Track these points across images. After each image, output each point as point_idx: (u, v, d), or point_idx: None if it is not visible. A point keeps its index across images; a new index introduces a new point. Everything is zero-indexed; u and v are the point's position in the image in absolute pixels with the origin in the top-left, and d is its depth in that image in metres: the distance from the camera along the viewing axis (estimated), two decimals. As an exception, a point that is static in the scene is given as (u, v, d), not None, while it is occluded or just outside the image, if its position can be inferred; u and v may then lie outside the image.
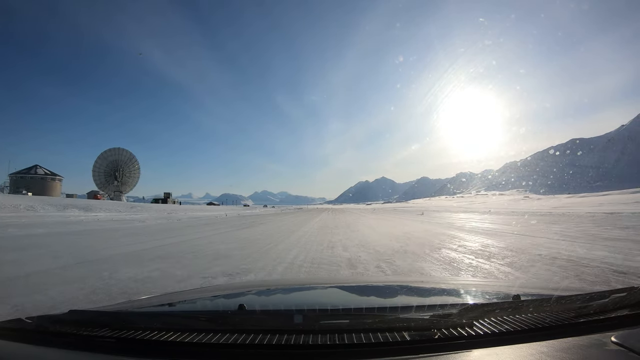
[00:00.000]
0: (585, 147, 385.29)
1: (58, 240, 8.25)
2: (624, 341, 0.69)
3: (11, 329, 0.81)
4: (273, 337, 0.70)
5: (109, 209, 30.88)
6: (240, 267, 4.69)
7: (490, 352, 0.68)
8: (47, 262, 5.05)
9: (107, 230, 11.78)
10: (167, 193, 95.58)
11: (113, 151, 72.87)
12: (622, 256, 5.37)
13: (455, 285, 1.69)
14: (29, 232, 10.29)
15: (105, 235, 10.01)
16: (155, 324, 0.77)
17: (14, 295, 3.18)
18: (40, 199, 32.10)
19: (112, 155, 72.24)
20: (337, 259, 5.48)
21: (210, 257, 5.61)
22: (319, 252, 6.31)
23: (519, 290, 1.34)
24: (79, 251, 6.48)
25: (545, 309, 0.84)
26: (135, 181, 74.89)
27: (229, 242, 7.92)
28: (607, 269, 4.40)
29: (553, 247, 6.62)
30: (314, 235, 9.69)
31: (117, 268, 4.51)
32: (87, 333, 0.76)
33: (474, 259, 5.39)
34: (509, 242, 7.56)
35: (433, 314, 0.82)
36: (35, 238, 8.58)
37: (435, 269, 4.69)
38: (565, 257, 5.37)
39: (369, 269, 4.63)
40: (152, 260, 5.18)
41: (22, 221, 15.10)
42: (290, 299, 1.41)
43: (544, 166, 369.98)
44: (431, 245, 7.13)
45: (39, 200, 30.93)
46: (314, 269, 4.64)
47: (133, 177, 74.41)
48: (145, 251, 6.36)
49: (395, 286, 1.69)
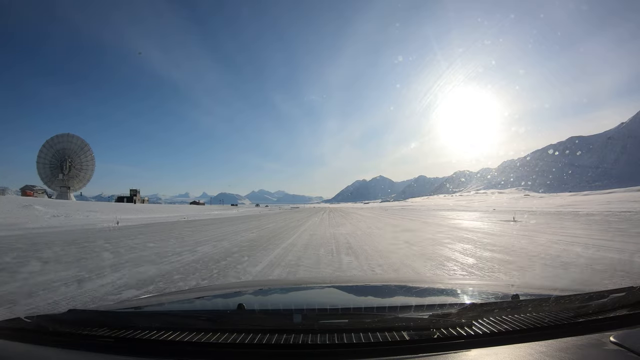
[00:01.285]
0: (585, 145, 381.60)
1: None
2: (623, 341, 0.68)
3: (10, 329, 0.81)
4: (272, 336, 0.70)
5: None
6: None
7: (489, 351, 0.68)
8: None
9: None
10: (134, 190, 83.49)
11: (61, 138, 59.81)
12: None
13: (454, 285, 1.70)
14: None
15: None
16: (154, 324, 0.78)
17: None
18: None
19: (60, 143, 59.39)
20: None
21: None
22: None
23: (518, 290, 1.31)
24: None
25: (544, 308, 0.83)
26: (89, 175, 62.39)
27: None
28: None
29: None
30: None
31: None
32: (86, 332, 0.76)
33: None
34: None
35: (432, 313, 0.82)
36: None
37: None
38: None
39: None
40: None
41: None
42: (289, 299, 1.42)
43: (543, 165, 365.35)
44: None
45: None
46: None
47: (86, 170, 61.72)
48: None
49: (394, 286, 1.71)
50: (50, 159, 59.30)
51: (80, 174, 61.63)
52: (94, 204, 47.66)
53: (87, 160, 62.48)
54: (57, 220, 18.74)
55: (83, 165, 61.83)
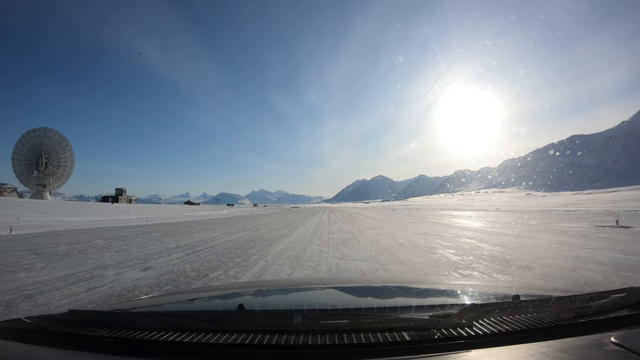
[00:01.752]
0: (586, 144, 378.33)
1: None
2: (624, 341, 0.68)
3: (10, 329, 0.81)
4: (273, 337, 0.70)
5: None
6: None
7: (489, 352, 0.68)
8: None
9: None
10: (120, 189, 79.62)
11: (37, 132, 55.29)
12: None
13: (454, 286, 1.69)
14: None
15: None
16: (154, 324, 0.78)
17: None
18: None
19: (36, 138, 54.96)
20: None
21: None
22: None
23: (519, 290, 1.28)
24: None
25: (544, 309, 0.83)
26: (68, 173, 57.85)
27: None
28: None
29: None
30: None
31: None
32: (86, 333, 0.76)
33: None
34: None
35: (432, 314, 0.81)
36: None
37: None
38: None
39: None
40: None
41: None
42: (289, 299, 1.41)
43: (544, 165, 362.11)
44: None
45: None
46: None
47: (64, 167, 57.16)
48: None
49: (395, 287, 1.69)
50: (26, 154, 55.03)
51: (59, 171, 57.27)
52: (59, 203, 43.53)
53: (66, 156, 57.76)
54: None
55: (61, 162, 57.23)
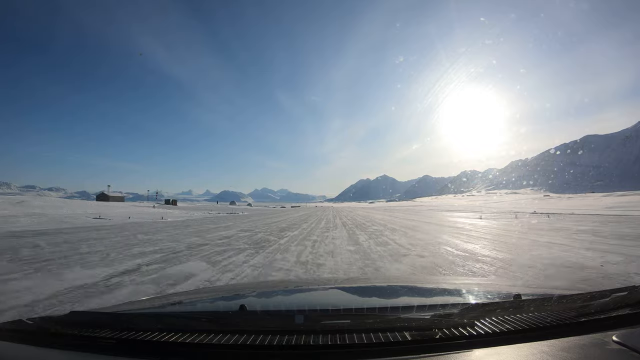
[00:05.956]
0: (601, 144, 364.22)
1: None
2: (626, 340, 0.68)
3: (12, 330, 0.82)
4: (274, 337, 0.70)
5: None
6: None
7: (491, 351, 0.68)
8: None
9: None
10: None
11: None
12: None
13: (456, 285, 1.68)
14: None
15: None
16: (156, 325, 0.78)
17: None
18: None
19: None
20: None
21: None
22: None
23: (520, 289, 1.29)
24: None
25: (546, 308, 0.83)
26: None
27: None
28: None
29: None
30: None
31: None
32: (88, 334, 0.77)
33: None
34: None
35: (434, 313, 0.82)
36: None
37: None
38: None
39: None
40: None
41: None
42: (291, 300, 1.41)
43: (556, 166, 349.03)
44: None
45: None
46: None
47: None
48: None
49: (396, 286, 1.69)
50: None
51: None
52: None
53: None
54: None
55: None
